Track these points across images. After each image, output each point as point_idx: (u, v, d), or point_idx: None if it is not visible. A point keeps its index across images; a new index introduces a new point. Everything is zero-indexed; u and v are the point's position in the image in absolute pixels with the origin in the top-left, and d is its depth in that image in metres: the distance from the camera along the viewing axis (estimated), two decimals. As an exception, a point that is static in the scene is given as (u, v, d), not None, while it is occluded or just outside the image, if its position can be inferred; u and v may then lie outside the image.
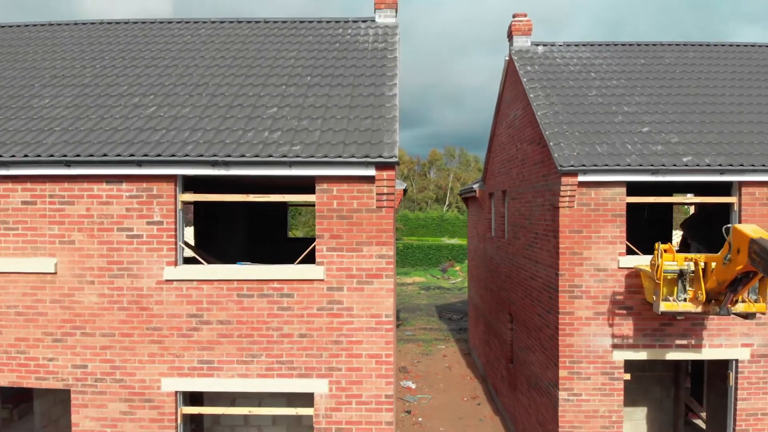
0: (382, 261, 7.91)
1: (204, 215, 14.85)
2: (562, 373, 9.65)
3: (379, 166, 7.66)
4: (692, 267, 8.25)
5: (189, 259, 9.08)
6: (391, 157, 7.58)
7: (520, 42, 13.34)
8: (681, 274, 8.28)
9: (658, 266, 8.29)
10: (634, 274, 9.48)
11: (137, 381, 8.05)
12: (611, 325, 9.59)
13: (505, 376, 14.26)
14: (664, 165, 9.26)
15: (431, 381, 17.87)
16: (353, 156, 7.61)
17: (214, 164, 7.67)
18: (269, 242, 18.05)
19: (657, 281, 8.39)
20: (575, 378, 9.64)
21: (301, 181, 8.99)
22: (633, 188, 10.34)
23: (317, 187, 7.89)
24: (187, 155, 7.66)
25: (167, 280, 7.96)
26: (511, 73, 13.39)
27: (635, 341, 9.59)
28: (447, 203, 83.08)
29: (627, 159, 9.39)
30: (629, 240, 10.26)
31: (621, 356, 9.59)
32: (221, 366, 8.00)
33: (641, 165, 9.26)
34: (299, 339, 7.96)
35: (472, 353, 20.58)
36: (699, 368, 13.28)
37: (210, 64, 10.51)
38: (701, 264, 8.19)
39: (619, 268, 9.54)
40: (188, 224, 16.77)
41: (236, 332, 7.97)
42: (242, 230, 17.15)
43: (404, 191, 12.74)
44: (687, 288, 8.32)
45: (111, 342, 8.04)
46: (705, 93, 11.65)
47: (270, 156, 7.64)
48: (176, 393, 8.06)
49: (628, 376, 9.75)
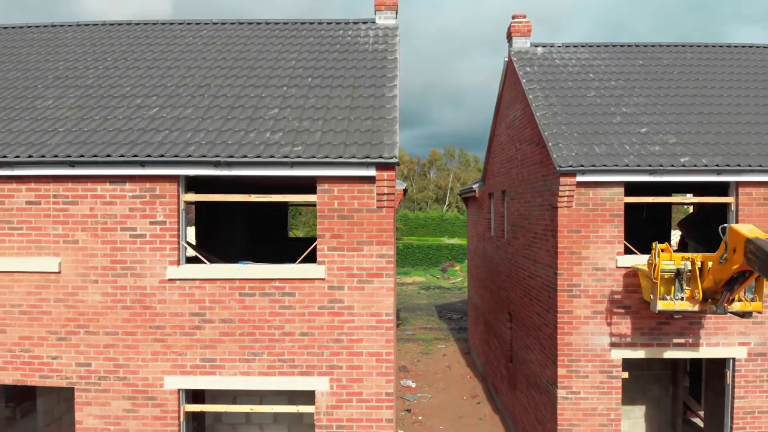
0: (383, 260, 8.00)
1: (206, 215, 14.94)
2: (561, 372, 9.74)
3: (380, 167, 7.75)
4: (689, 266, 8.32)
5: (191, 259, 9.18)
6: (392, 158, 7.67)
7: (520, 43, 13.42)
8: (678, 274, 8.36)
9: (656, 265, 8.37)
10: (632, 274, 9.56)
11: (140, 379, 8.13)
12: (609, 324, 9.68)
13: (505, 375, 14.35)
14: (662, 165, 9.35)
15: (431, 380, 17.94)
16: (354, 156, 7.70)
17: (217, 165, 7.76)
18: (270, 242, 18.12)
19: (654, 280, 8.47)
20: (574, 376, 9.72)
21: (302, 182, 9.07)
22: (631, 188, 10.40)
23: (318, 188, 7.97)
24: (190, 156, 7.75)
25: (170, 279, 8.04)
26: (511, 74, 13.47)
27: (633, 340, 9.67)
28: (447, 203, 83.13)
29: (625, 159, 9.47)
30: (628, 240, 10.33)
31: (619, 355, 9.67)
32: (223, 364, 8.08)
33: (639, 165, 9.34)
34: (301, 337, 8.05)
35: (472, 352, 20.66)
36: (697, 367, 13.35)
37: (212, 66, 10.60)
38: (698, 263, 8.27)
39: (617, 268, 9.63)
40: (190, 224, 16.87)
41: (238, 330, 8.06)
42: (243, 230, 17.22)
43: (404, 191, 12.83)
44: (684, 287, 8.40)
45: (114, 340, 8.13)
46: (703, 94, 11.72)
47: (272, 156, 7.73)
48: (179, 391, 8.14)
49: (626, 375, 9.83)
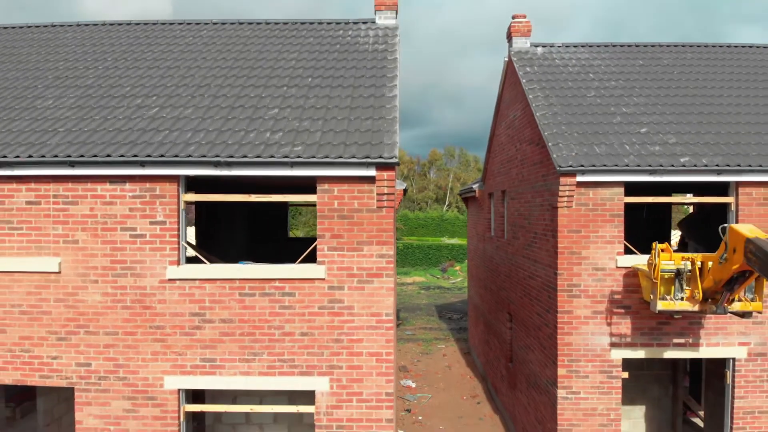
0: (383, 260, 8.00)
1: (205, 215, 14.94)
2: (561, 372, 9.74)
3: (380, 167, 7.76)
4: (689, 266, 8.32)
5: (191, 259, 9.17)
6: (392, 158, 7.67)
7: (520, 43, 13.42)
8: (678, 274, 8.36)
9: (656, 265, 8.37)
10: (632, 274, 9.56)
11: (140, 379, 8.13)
12: (609, 324, 9.68)
13: (505, 375, 14.35)
14: (662, 165, 9.35)
15: (431, 380, 17.94)
16: (354, 157, 7.70)
17: (217, 165, 7.76)
18: (270, 242, 18.12)
19: (654, 280, 8.47)
20: (574, 376, 9.73)
21: (302, 181, 9.07)
22: (632, 188, 10.41)
23: (318, 188, 7.97)
24: (190, 156, 7.75)
25: (170, 279, 8.04)
26: (511, 74, 13.48)
27: (633, 340, 9.67)
28: (447, 203, 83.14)
29: (625, 159, 9.48)
30: (628, 240, 10.33)
31: (619, 355, 9.68)
32: (223, 364, 8.08)
33: (639, 165, 9.34)
34: (301, 337, 8.05)
35: (472, 353, 20.66)
36: (697, 367, 13.36)
37: (212, 66, 10.60)
38: (698, 263, 8.27)
39: (617, 268, 9.63)
40: (190, 224, 16.87)
41: (238, 330, 8.06)
42: (243, 230, 17.22)
43: (404, 191, 12.83)
44: (684, 287, 8.40)
45: (114, 340, 8.13)
46: (703, 94, 11.73)
47: (272, 156, 7.73)
48: (179, 391, 8.14)
49: (626, 375, 9.83)
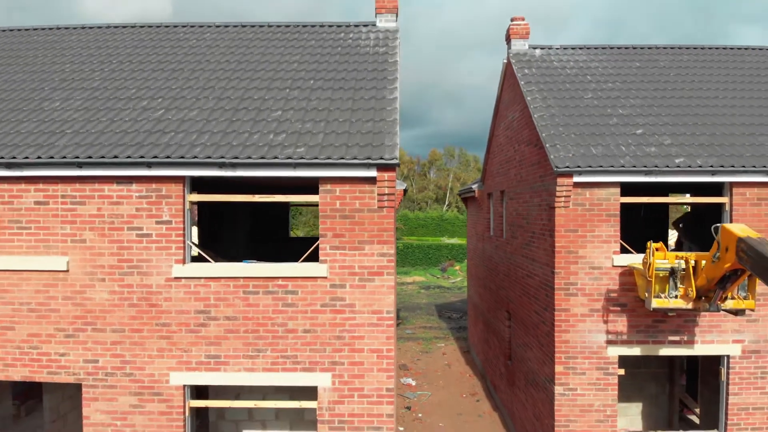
0: (384, 259, 8.18)
1: (208, 215, 15.11)
2: (558, 369, 9.92)
3: (381, 168, 7.95)
4: (683, 265, 8.50)
5: (196, 258, 9.36)
6: (392, 159, 7.86)
7: (518, 45, 13.60)
8: (672, 272, 8.54)
9: (650, 264, 8.55)
10: (628, 272, 9.74)
11: (147, 375, 8.32)
12: (606, 322, 9.86)
13: (504, 373, 14.53)
14: (657, 166, 9.53)
15: (431, 378, 18.12)
16: (355, 158, 7.89)
17: (222, 166, 7.95)
18: (271, 242, 18.28)
19: (649, 279, 8.64)
20: (571, 373, 9.90)
21: (304, 182, 9.24)
22: (629, 188, 10.57)
23: (321, 188, 8.16)
24: (195, 157, 7.93)
25: (176, 278, 8.23)
26: (509, 76, 13.65)
27: (629, 337, 9.85)
28: (447, 203, 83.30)
29: (621, 160, 9.65)
30: (626, 239, 10.52)
31: (615, 352, 9.86)
32: (228, 360, 8.27)
33: (635, 166, 9.52)
34: (303, 334, 8.24)
35: (472, 351, 20.84)
36: (694, 365, 13.53)
37: (215, 68, 10.78)
38: (692, 262, 8.45)
39: (614, 267, 9.81)
40: (193, 224, 17.01)
41: (242, 328, 8.24)
42: (245, 230, 17.38)
43: (404, 191, 13.00)
44: (678, 285, 8.58)
45: (121, 337, 8.32)
46: (698, 96, 11.90)
47: (275, 158, 7.92)
48: (184, 387, 8.33)
49: (623, 372, 10.00)
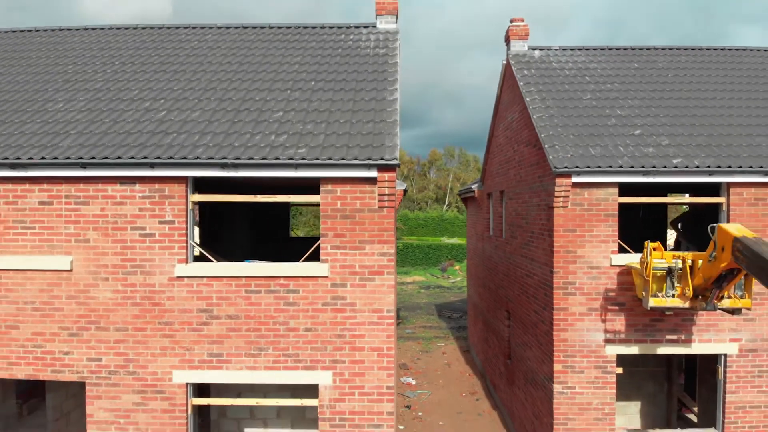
0: (384, 258, 8.28)
1: (209, 215, 15.20)
2: (557, 367, 10.01)
3: (381, 168, 8.04)
4: (680, 264, 8.60)
5: (198, 257, 9.45)
6: (392, 160, 7.96)
7: (518, 46, 13.69)
8: (669, 271, 8.63)
9: (648, 264, 8.64)
10: (626, 272, 9.83)
11: (149, 373, 8.41)
12: (604, 321, 9.95)
13: (503, 372, 14.62)
14: (655, 166, 9.62)
15: (431, 377, 18.22)
16: (356, 158, 7.98)
17: (224, 166, 8.04)
18: (271, 242, 18.39)
19: (646, 278, 8.74)
20: (569, 372, 10.00)
21: (305, 182, 9.35)
22: (628, 189, 10.66)
23: (322, 188, 8.26)
24: (198, 158, 8.03)
25: (178, 277, 8.33)
26: (509, 77, 13.74)
27: (627, 336, 9.94)
28: (447, 203, 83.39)
29: (619, 161, 9.75)
30: (625, 239, 10.61)
31: (613, 351, 9.95)
32: (230, 359, 8.36)
33: (633, 166, 9.61)
34: (305, 333, 8.33)
35: (471, 351, 20.93)
36: (693, 364, 13.62)
37: (217, 69, 10.87)
38: (689, 261, 8.55)
39: (612, 266, 9.90)
40: (194, 224, 17.09)
41: (244, 326, 8.34)
42: (246, 230, 17.47)
43: (404, 191, 13.10)
44: (675, 284, 8.67)
45: (124, 336, 8.41)
46: (696, 96, 12.00)
47: (277, 158, 8.02)
48: (187, 385, 8.42)
49: (621, 370, 10.10)
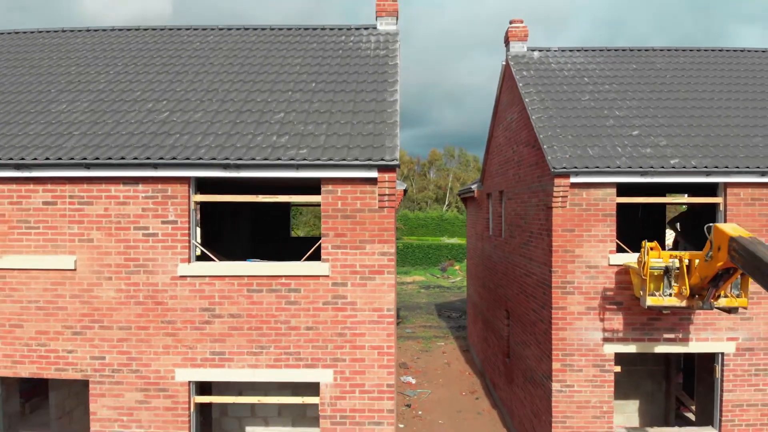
0: (384, 258, 8.38)
1: (210, 216, 15.29)
2: (556, 366, 10.10)
3: (381, 169, 8.14)
4: (677, 264, 8.68)
5: (199, 257, 9.55)
6: (392, 161, 8.05)
7: (517, 47, 13.78)
8: (666, 271, 8.72)
9: (645, 263, 8.73)
10: (624, 271, 9.93)
11: (152, 371, 8.51)
12: (602, 320, 10.05)
13: (502, 371, 14.72)
14: (653, 167, 9.71)
15: (431, 376, 18.31)
16: (357, 159, 8.08)
17: (226, 167, 8.14)
18: (272, 242, 18.49)
19: (644, 277, 8.83)
20: (568, 370, 10.09)
21: (306, 182, 9.45)
22: (627, 189, 10.75)
23: (323, 189, 8.36)
24: (201, 158, 8.12)
25: (181, 276, 8.42)
26: (508, 78, 13.84)
27: (625, 335, 10.04)
28: (446, 203, 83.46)
29: (617, 161, 9.84)
30: (624, 238, 10.69)
31: (611, 349, 10.04)
32: (232, 357, 8.46)
33: (630, 167, 9.71)
34: (306, 331, 8.43)
35: (471, 350, 21.03)
36: (691, 363, 13.72)
37: (219, 71, 10.97)
38: (685, 261, 8.63)
39: (610, 266, 9.99)
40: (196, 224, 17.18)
41: (246, 325, 8.43)
42: (247, 230, 17.58)
43: (404, 191, 13.19)
44: (672, 284, 8.75)
45: (128, 334, 8.51)
46: (694, 97, 12.09)
47: (278, 159, 8.11)
48: (189, 383, 8.52)
49: (619, 369, 10.19)
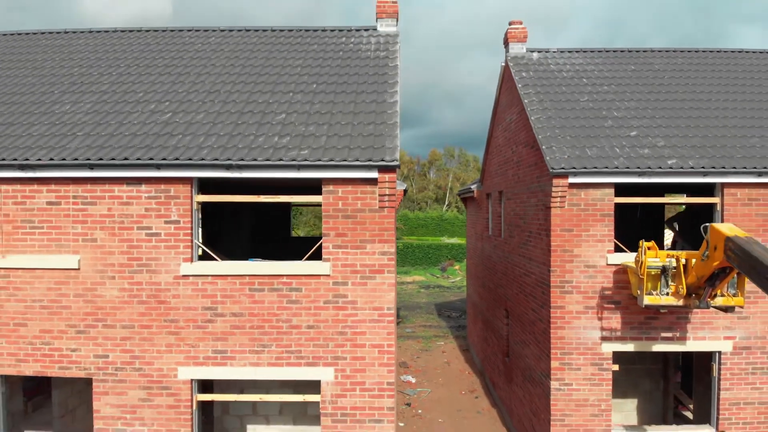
0: (384, 257, 8.48)
1: (211, 216, 15.37)
2: (554, 364, 10.20)
3: (381, 169, 8.24)
4: (674, 263, 8.78)
5: (201, 256, 9.64)
6: (393, 161, 8.15)
7: (516, 49, 13.88)
8: (664, 270, 8.81)
9: (642, 262, 8.83)
10: (622, 271, 10.02)
11: (155, 370, 8.61)
12: (600, 319, 10.14)
13: (502, 370, 14.81)
14: (650, 167, 9.81)
15: (431, 376, 18.40)
16: (357, 160, 8.18)
17: (229, 167, 8.23)
18: (272, 242, 18.56)
19: (641, 277, 8.93)
20: (566, 369, 10.19)
21: (306, 183, 9.54)
22: (626, 189, 10.83)
23: (324, 189, 8.45)
24: (203, 159, 8.22)
25: (184, 275, 8.52)
26: (507, 79, 13.93)
27: (623, 334, 10.13)
28: (446, 203, 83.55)
29: (615, 162, 9.93)
30: (623, 238, 10.78)
31: (609, 348, 10.14)
32: (234, 355, 8.56)
33: (628, 167, 9.80)
34: (307, 330, 8.53)
35: (471, 349, 21.12)
36: (690, 362, 13.81)
37: (221, 72, 11.06)
38: (682, 260, 8.74)
39: (608, 265, 10.09)
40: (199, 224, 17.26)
41: (248, 324, 8.53)
42: (247, 230, 17.65)
43: (404, 191, 13.28)
44: (669, 283, 8.85)
45: (131, 333, 8.60)
46: (692, 98, 12.18)
47: (280, 159, 8.21)
48: (192, 381, 8.61)
49: (617, 367, 10.29)
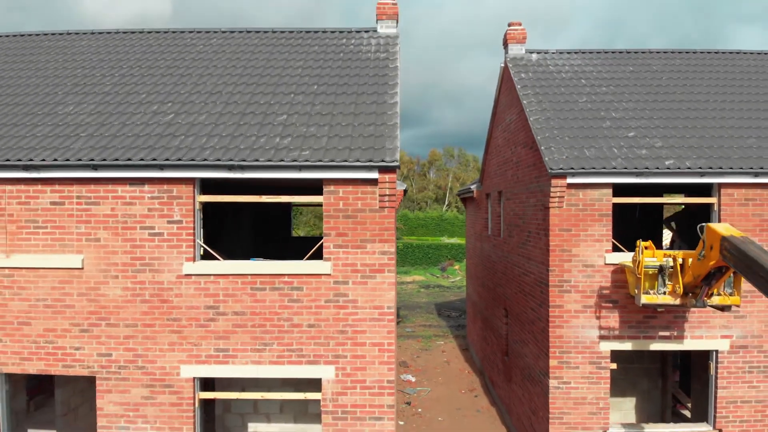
0: (384, 257, 8.57)
1: (212, 216, 15.46)
2: (553, 363, 10.30)
3: (382, 170, 8.34)
4: (671, 263, 8.89)
5: (203, 256, 9.73)
6: (393, 162, 8.25)
7: (515, 50, 13.97)
8: (661, 269, 8.92)
9: (639, 262, 8.93)
10: (620, 270, 10.12)
11: (158, 368, 8.70)
12: (598, 318, 10.24)
13: (501, 369, 14.91)
14: (648, 168, 9.91)
15: (430, 375, 18.50)
16: (358, 160, 8.28)
17: (231, 168, 8.33)
18: (273, 241, 18.66)
19: (639, 276, 9.03)
20: (564, 367, 10.28)
21: (307, 183, 9.64)
22: (624, 189, 10.91)
23: (324, 189, 8.55)
24: (206, 159, 8.32)
25: (186, 275, 8.62)
26: (507, 80, 14.03)
27: (621, 333, 10.23)
28: (446, 203, 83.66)
29: (613, 162, 10.03)
30: (621, 238, 10.87)
31: (607, 347, 10.23)
32: (236, 354, 8.66)
33: (626, 168, 9.90)
34: (308, 329, 8.62)
35: (470, 349, 21.22)
36: (688, 361, 13.90)
37: (222, 73, 11.16)
38: (679, 260, 8.84)
39: (606, 265, 10.19)
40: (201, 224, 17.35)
41: (250, 322, 8.63)
42: (248, 230, 17.74)
43: (404, 191, 13.38)
44: (666, 282, 8.96)
45: (134, 332, 8.70)
46: (689, 99, 12.28)
47: (281, 160, 8.31)
48: (194, 379, 8.71)
49: (614, 366, 10.38)
